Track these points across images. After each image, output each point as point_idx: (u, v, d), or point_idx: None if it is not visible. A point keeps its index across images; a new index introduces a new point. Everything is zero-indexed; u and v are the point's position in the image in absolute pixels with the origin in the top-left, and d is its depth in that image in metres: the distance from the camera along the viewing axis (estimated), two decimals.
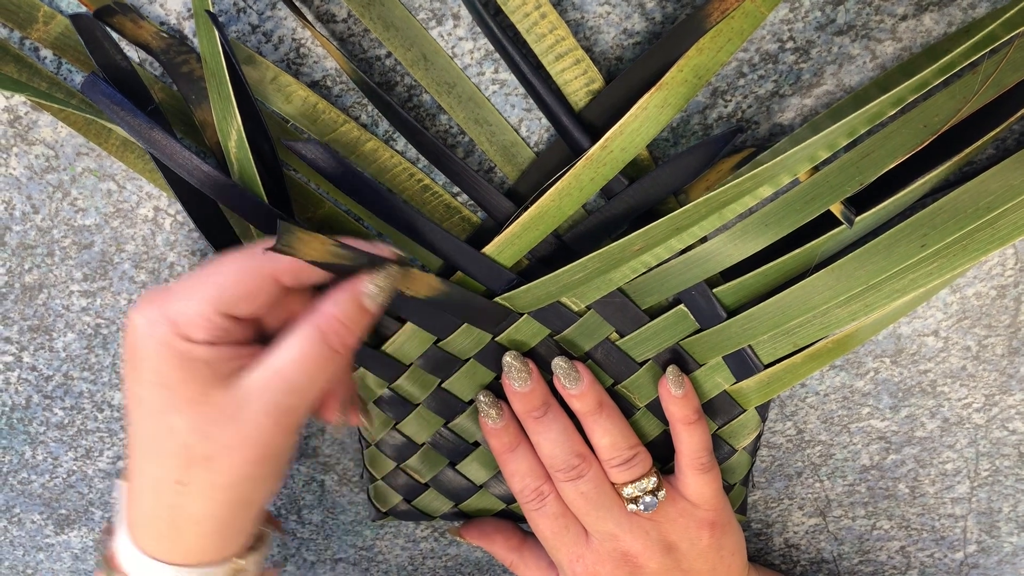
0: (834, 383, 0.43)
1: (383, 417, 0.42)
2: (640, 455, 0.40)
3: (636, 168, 0.35)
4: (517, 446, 0.40)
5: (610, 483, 0.40)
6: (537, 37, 0.32)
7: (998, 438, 0.44)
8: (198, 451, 0.31)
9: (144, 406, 0.31)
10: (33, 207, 0.38)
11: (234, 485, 0.32)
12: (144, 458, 0.32)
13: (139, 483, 0.33)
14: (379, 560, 0.52)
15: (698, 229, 0.34)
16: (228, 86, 0.30)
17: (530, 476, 0.40)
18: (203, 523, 0.32)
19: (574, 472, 0.39)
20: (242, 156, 0.32)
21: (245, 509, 0.33)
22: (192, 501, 0.32)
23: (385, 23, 0.33)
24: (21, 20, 0.33)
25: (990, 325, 0.40)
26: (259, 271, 0.31)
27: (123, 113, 0.32)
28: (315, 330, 0.31)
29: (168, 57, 0.33)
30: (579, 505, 0.40)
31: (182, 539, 0.33)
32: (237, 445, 0.31)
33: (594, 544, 0.40)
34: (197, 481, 0.31)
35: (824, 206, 0.33)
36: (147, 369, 0.31)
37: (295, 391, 0.31)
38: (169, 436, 0.31)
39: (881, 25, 0.33)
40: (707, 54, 0.31)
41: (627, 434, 0.40)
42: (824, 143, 0.31)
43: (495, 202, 0.36)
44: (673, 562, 0.40)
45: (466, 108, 0.35)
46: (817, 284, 0.35)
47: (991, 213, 0.32)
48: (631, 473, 0.39)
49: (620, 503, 0.40)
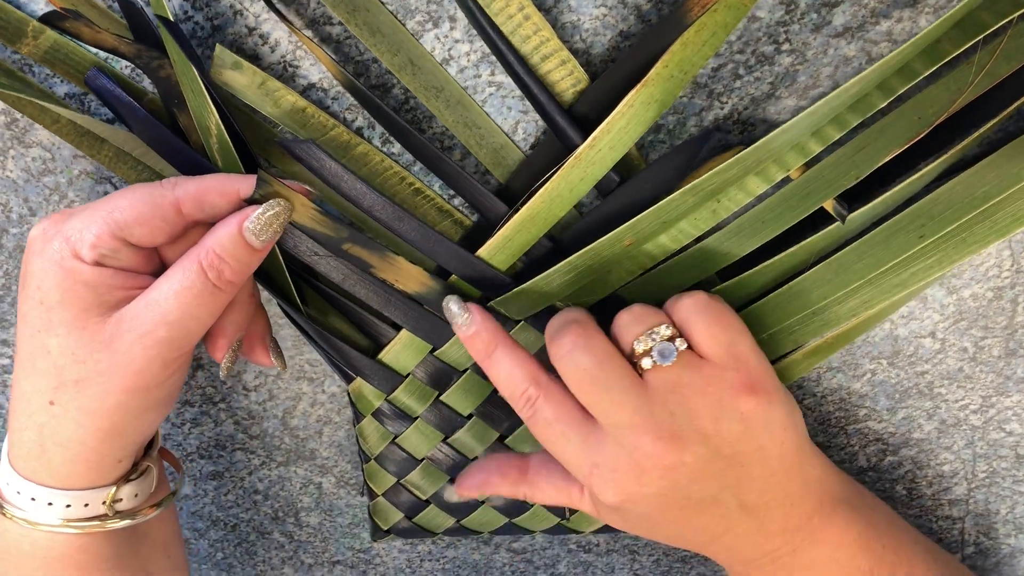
0: (831, 385, 0.43)
1: (382, 431, 0.41)
2: (651, 312, 0.34)
3: (628, 169, 0.35)
4: (494, 350, 0.35)
5: (619, 358, 0.33)
6: (522, 39, 0.32)
7: (995, 440, 0.44)
8: (69, 374, 0.31)
9: (26, 323, 0.32)
10: (30, 209, 0.38)
11: (104, 412, 0.32)
12: (22, 375, 0.32)
13: (16, 401, 0.33)
14: (376, 563, 0.52)
15: (688, 225, 0.34)
16: (199, 82, 0.30)
17: (513, 379, 0.34)
18: (70, 447, 0.32)
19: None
20: (224, 151, 0.32)
21: (117, 438, 0.33)
22: (61, 424, 0.32)
23: (371, 29, 0.33)
24: (10, 35, 0.33)
25: (987, 327, 0.40)
26: (159, 197, 0.31)
27: (123, 108, 0.32)
28: (194, 263, 0.31)
29: (143, 62, 0.33)
30: (586, 391, 0.33)
31: (49, 461, 0.33)
32: (109, 373, 0.31)
33: (609, 445, 0.32)
34: (66, 404, 0.31)
35: (820, 201, 0.33)
36: (32, 286, 0.31)
37: (170, 323, 0.31)
38: (44, 356, 0.31)
39: (877, 27, 0.33)
40: (692, 48, 0.31)
41: (650, 308, 0.35)
42: (807, 126, 0.31)
43: (489, 204, 0.36)
44: (711, 451, 0.32)
45: (455, 112, 0.35)
46: (815, 279, 0.35)
47: (988, 202, 0.32)
48: (643, 324, 0.33)
49: (632, 377, 0.33)
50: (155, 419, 0.34)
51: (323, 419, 0.45)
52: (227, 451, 0.47)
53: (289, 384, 0.44)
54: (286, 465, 0.47)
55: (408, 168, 0.36)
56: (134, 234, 0.31)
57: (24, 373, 0.32)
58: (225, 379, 0.43)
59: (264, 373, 0.43)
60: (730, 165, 0.31)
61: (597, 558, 0.52)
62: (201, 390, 0.44)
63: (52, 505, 0.33)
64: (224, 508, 0.50)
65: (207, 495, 0.49)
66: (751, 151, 0.31)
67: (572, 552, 0.51)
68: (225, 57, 0.33)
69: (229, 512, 0.50)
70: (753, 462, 0.33)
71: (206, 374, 0.43)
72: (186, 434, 0.45)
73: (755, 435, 0.33)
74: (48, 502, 0.33)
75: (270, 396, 0.44)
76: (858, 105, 0.31)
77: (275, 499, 0.49)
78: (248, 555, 0.52)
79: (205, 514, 0.50)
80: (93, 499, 0.34)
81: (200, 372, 0.43)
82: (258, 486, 0.48)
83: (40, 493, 0.33)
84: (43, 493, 0.33)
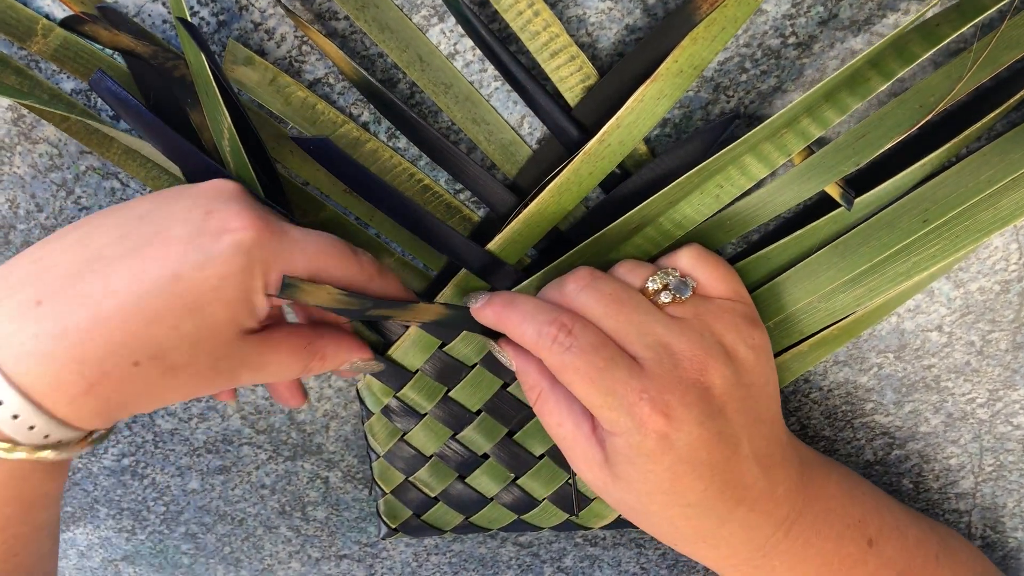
0: (837, 378, 0.43)
1: (390, 428, 0.42)
2: (648, 264, 0.35)
3: (636, 163, 0.35)
4: (512, 300, 0.34)
5: (636, 289, 0.34)
6: (531, 35, 0.32)
7: (1002, 433, 0.44)
8: (172, 355, 0.29)
9: (167, 279, 0.28)
10: (37, 206, 0.38)
11: (152, 365, 0.29)
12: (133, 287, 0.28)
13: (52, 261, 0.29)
14: (383, 556, 0.53)
15: (690, 209, 0.34)
16: (213, 85, 0.30)
17: (542, 312, 0.33)
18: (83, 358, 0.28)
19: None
20: (235, 153, 0.32)
21: (133, 400, 0.30)
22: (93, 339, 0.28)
23: (380, 25, 0.33)
24: (20, 33, 0.33)
25: (994, 320, 0.40)
26: (350, 259, 0.32)
27: (129, 110, 0.32)
28: (307, 352, 0.33)
29: (159, 62, 0.33)
30: (615, 312, 0.32)
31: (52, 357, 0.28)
32: (193, 368, 0.30)
33: (651, 367, 0.31)
34: (149, 365, 0.29)
35: (820, 186, 0.33)
36: (207, 298, 0.29)
37: (260, 378, 0.32)
38: (162, 295, 0.28)
39: (884, 20, 0.33)
40: (702, 43, 0.31)
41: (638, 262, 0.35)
42: (803, 106, 0.31)
43: (498, 197, 0.36)
44: (735, 374, 0.32)
45: (463, 108, 0.35)
46: (821, 262, 0.35)
47: (992, 187, 0.32)
48: (649, 269, 0.34)
49: (655, 305, 0.33)
50: (164, 402, 0.31)
51: (330, 414, 0.45)
52: (234, 446, 0.47)
53: None
54: (293, 460, 0.47)
55: (414, 163, 0.36)
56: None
57: (133, 296, 0.28)
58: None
59: None
60: (734, 146, 0.32)
61: (604, 551, 0.52)
62: None
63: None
64: (231, 503, 0.50)
65: (214, 490, 0.49)
66: (754, 132, 0.31)
67: (579, 546, 0.51)
68: (238, 52, 0.33)
69: (236, 506, 0.50)
70: (762, 398, 0.33)
71: None
72: (193, 429, 0.46)
73: (762, 368, 0.34)
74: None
75: None
76: (857, 88, 0.31)
77: (282, 493, 0.49)
78: (255, 549, 0.52)
79: (212, 508, 0.50)
80: (42, 423, 0.29)
81: None
82: (265, 480, 0.48)
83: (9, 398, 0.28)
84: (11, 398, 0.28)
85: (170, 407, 0.44)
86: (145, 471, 0.48)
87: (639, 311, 0.32)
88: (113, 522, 0.50)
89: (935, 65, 0.34)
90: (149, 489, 0.49)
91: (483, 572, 0.53)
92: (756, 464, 0.33)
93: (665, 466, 0.32)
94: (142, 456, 0.47)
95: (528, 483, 0.43)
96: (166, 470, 0.48)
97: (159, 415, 0.45)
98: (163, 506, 0.50)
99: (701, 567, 0.52)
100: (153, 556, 0.53)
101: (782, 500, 0.34)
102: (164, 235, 0.29)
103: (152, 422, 0.45)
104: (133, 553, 0.53)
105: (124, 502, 0.49)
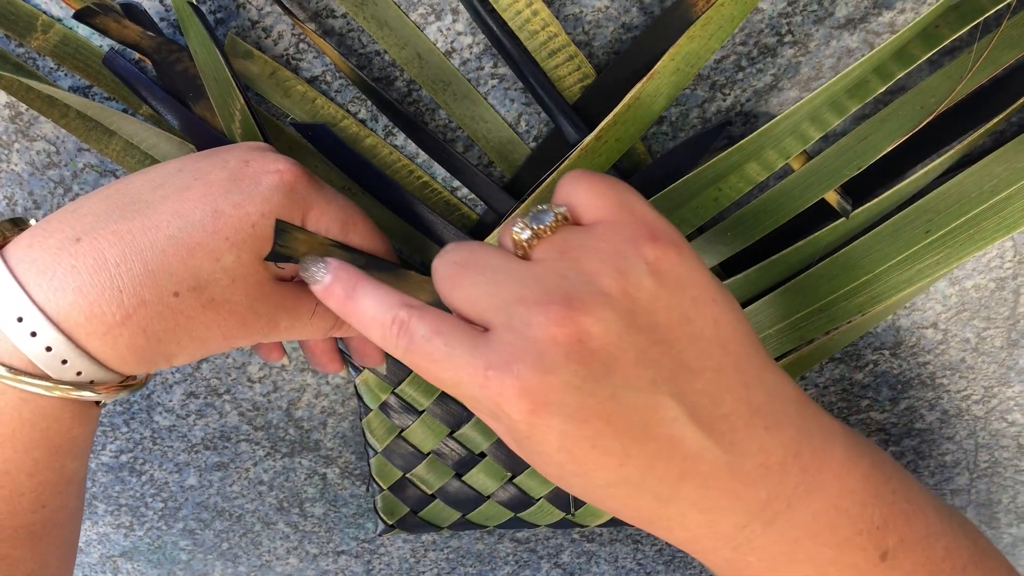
0: (833, 375, 0.43)
1: (388, 424, 0.42)
2: None
3: (633, 162, 0.35)
4: (354, 289, 0.29)
5: (496, 248, 0.28)
6: (529, 34, 0.32)
7: (997, 430, 0.44)
8: (211, 288, 0.29)
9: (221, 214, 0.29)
10: (35, 203, 0.38)
11: (204, 312, 0.29)
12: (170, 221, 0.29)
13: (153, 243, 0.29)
14: (381, 552, 0.53)
15: (689, 213, 0.34)
16: (224, 68, 0.31)
17: (380, 308, 0.28)
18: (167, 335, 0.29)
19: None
20: (248, 132, 0.32)
21: (182, 344, 0.30)
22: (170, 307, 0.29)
23: (379, 22, 0.33)
24: (20, 29, 0.33)
25: (989, 317, 0.40)
26: (374, 228, 0.33)
27: (143, 86, 0.32)
28: (336, 327, 0.33)
29: (161, 56, 0.33)
30: (458, 283, 0.27)
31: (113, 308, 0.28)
32: (232, 305, 0.30)
33: (500, 336, 0.25)
34: (189, 299, 0.29)
35: (822, 192, 0.33)
36: (250, 231, 0.29)
37: (298, 327, 0.33)
38: (205, 235, 0.29)
39: (879, 18, 0.33)
40: (699, 42, 0.31)
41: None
42: (806, 113, 0.31)
43: (495, 196, 0.36)
44: (622, 316, 0.25)
45: (462, 105, 0.35)
46: (822, 274, 0.35)
47: (995, 197, 0.32)
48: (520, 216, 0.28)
49: (512, 257, 0.27)
50: (197, 355, 0.31)
51: (327, 410, 0.45)
52: (232, 442, 0.47)
53: (293, 376, 0.44)
54: (291, 456, 0.47)
55: (412, 160, 0.36)
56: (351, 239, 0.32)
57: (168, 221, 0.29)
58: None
59: (269, 365, 0.43)
60: (733, 151, 0.32)
61: (600, 547, 0.52)
62: (206, 382, 0.44)
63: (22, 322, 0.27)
64: (229, 499, 0.50)
65: (212, 486, 0.49)
66: (753, 138, 0.31)
67: (575, 542, 0.52)
68: (236, 46, 0.33)
69: (234, 503, 0.50)
70: (683, 341, 0.25)
71: (211, 366, 0.43)
72: (191, 425, 0.46)
73: (674, 300, 0.25)
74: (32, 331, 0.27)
75: (274, 388, 0.44)
76: (856, 91, 0.31)
77: (280, 490, 0.49)
78: (253, 545, 0.53)
79: (210, 504, 0.50)
80: (75, 357, 0.28)
81: (205, 364, 0.43)
82: (263, 477, 0.49)
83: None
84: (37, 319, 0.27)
85: (168, 404, 0.44)
86: (143, 467, 0.48)
87: (487, 270, 0.26)
88: (111, 518, 0.51)
89: (931, 64, 0.34)
90: (147, 485, 0.49)
91: (480, 568, 0.53)
92: (697, 428, 0.25)
93: (555, 446, 0.25)
94: (140, 452, 0.47)
95: (525, 481, 0.43)
96: (164, 466, 0.48)
97: (157, 411, 0.45)
98: (161, 502, 0.50)
99: (698, 564, 0.53)
100: (151, 552, 0.53)
101: (755, 479, 0.26)
102: (204, 179, 0.30)
103: (150, 418, 0.45)
104: (131, 549, 0.53)
105: (122, 498, 0.49)
